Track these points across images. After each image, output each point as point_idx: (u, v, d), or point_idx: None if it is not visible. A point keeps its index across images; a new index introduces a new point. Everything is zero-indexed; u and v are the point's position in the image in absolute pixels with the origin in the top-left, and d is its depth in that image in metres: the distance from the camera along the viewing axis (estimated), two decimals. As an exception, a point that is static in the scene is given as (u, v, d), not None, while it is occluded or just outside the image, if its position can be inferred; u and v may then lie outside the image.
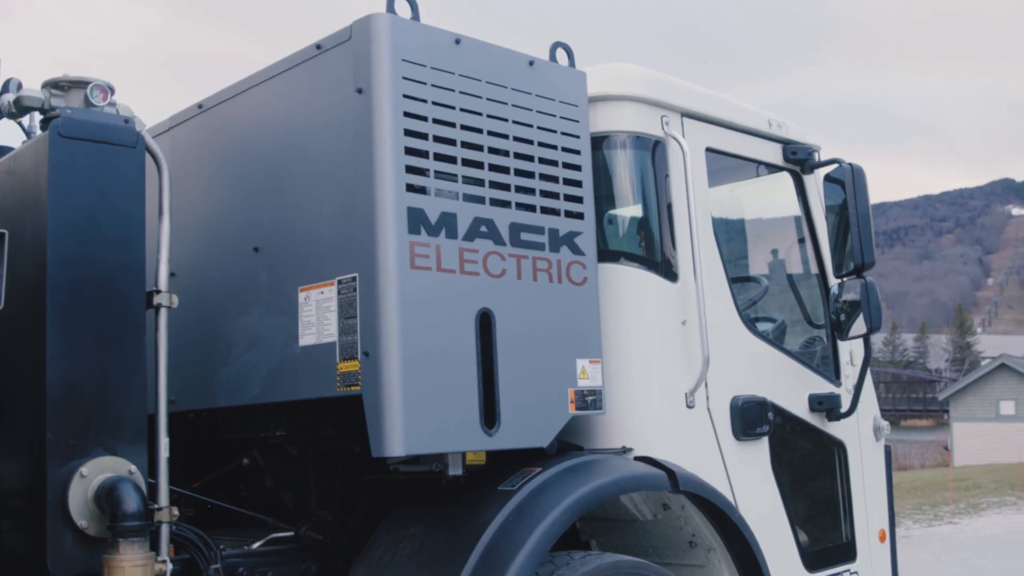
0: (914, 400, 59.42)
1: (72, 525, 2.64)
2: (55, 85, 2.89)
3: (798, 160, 4.44)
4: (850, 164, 4.12)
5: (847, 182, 4.07)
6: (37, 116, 3.02)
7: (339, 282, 3.05)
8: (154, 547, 2.74)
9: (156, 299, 2.94)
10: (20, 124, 3.33)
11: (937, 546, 12.98)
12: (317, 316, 3.11)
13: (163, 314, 2.96)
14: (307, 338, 3.15)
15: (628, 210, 3.91)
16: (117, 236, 2.83)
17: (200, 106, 3.73)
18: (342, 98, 3.09)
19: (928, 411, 58.87)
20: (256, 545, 3.39)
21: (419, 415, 2.93)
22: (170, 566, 2.73)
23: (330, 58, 3.17)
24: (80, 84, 2.88)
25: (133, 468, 2.76)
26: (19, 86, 3.09)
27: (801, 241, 4.64)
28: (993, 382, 45.22)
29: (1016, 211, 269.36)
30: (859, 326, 4.13)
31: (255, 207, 3.43)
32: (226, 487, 3.89)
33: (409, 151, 3.02)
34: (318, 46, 3.22)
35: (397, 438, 2.89)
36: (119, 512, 2.59)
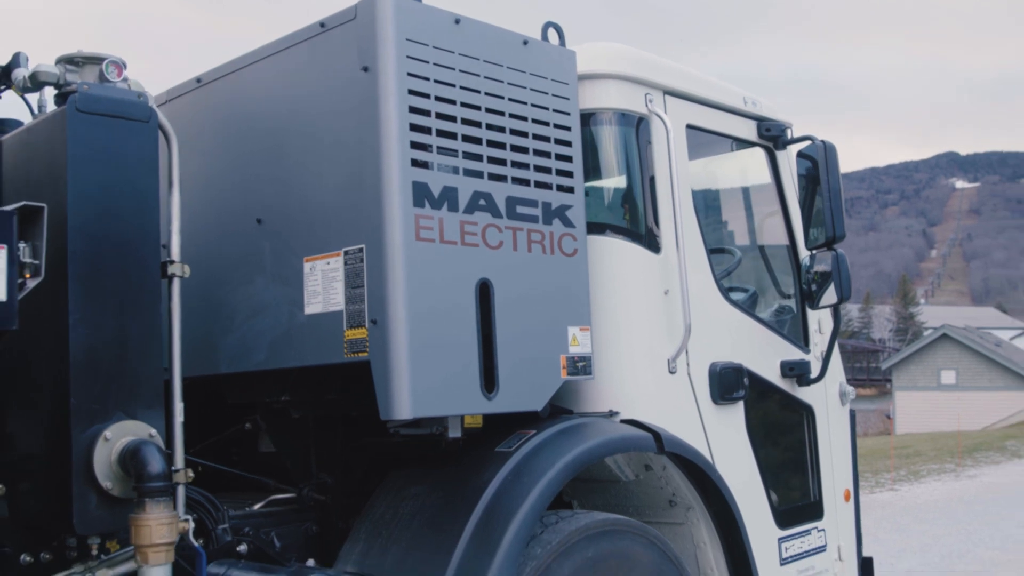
0: (858, 370, 60.70)
1: (97, 486, 2.75)
2: (70, 61, 2.96)
3: (771, 136, 4.62)
4: (823, 141, 4.31)
5: (819, 159, 4.26)
6: (48, 91, 3.09)
7: (345, 253, 3.17)
8: (171, 507, 2.87)
9: (170, 269, 3.04)
10: (25, 99, 3.39)
11: (878, 512, 13.41)
12: (323, 286, 3.23)
13: (176, 283, 3.07)
14: (313, 307, 3.27)
15: (613, 184, 4.07)
16: (133, 208, 2.92)
17: (199, 80, 3.81)
18: (347, 76, 3.19)
19: (871, 380, 60.27)
20: (259, 506, 3.52)
21: (425, 380, 3.08)
22: (191, 524, 2.85)
23: (334, 36, 3.27)
24: (95, 60, 2.96)
25: (153, 432, 2.87)
26: (26, 60, 3.16)
27: (772, 214, 4.83)
28: (935, 352, 46.41)
29: (960, 184, 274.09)
30: (830, 296, 4.35)
31: (256, 180, 3.52)
32: (224, 452, 4.00)
33: (413, 127, 3.14)
34: (322, 24, 3.32)
35: (405, 402, 3.03)
36: (145, 473, 2.70)
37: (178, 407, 3.00)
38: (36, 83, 2.97)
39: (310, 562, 3.44)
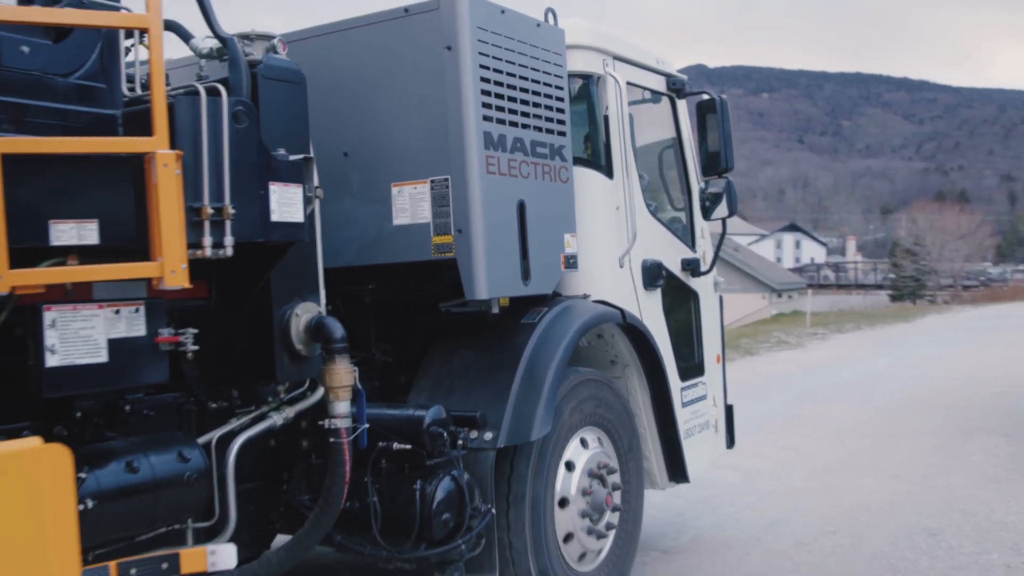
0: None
1: (292, 348, 3.89)
2: (246, 37, 3.97)
3: (675, 89, 6.11)
4: (719, 96, 5.83)
5: (718, 109, 5.78)
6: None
7: (432, 181, 4.40)
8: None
9: (316, 192, 4.15)
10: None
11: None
12: (411, 204, 4.45)
13: (316, 203, 4.18)
14: (401, 219, 4.48)
15: (582, 129, 5.43)
16: (296, 146, 3.99)
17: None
18: (431, 51, 4.37)
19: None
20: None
21: (493, 271, 4.39)
22: (357, 372, 4.03)
23: (418, 20, 4.43)
24: (265, 38, 3.99)
25: (321, 309, 4.03)
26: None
27: (668, 148, 6.33)
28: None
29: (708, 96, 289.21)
30: (721, 210, 5.95)
31: (342, 123, 4.64)
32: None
33: (483, 92, 4.38)
34: (406, 10, 4.46)
35: (483, 286, 4.35)
36: (333, 338, 3.87)
37: (322, 293, 4.16)
38: (221, 54, 3.96)
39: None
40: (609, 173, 5.38)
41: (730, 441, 6.62)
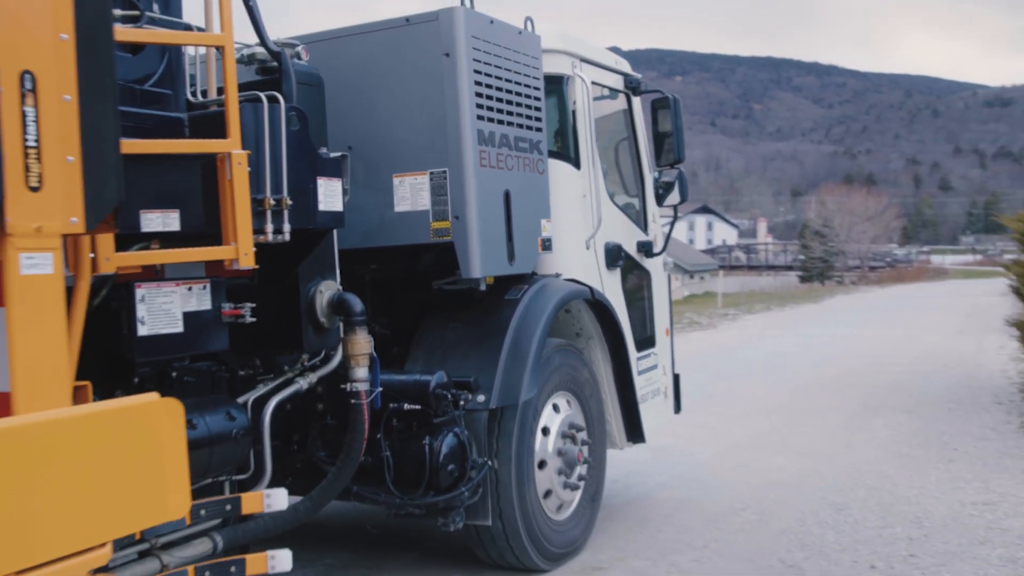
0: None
1: (316, 321, 4.41)
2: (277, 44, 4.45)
3: (631, 87, 6.74)
4: (672, 95, 6.48)
5: (671, 107, 6.44)
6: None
7: (431, 173, 4.95)
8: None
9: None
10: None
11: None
12: (411, 193, 5.00)
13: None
14: (402, 206, 5.02)
15: (553, 124, 6.02)
16: (318, 143, 4.51)
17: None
18: (431, 57, 4.91)
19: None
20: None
21: (485, 253, 4.97)
22: (372, 341, 4.57)
23: (419, 29, 4.96)
24: (289, 45, 4.48)
25: (339, 287, 4.55)
26: None
27: (623, 140, 6.97)
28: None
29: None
30: (673, 197, 6.62)
31: (347, 119, 5.14)
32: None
33: (476, 94, 4.94)
34: (407, 19, 4.99)
35: (477, 266, 4.92)
36: (353, 311, 4.40)
37: (338, 273, 4.68)
38: (252, 60, 4.45)
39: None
40: (577, 164, 5.99)
41: (677, 407, 7.30)
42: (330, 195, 4.14)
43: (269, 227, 3.79)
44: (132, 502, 2.89)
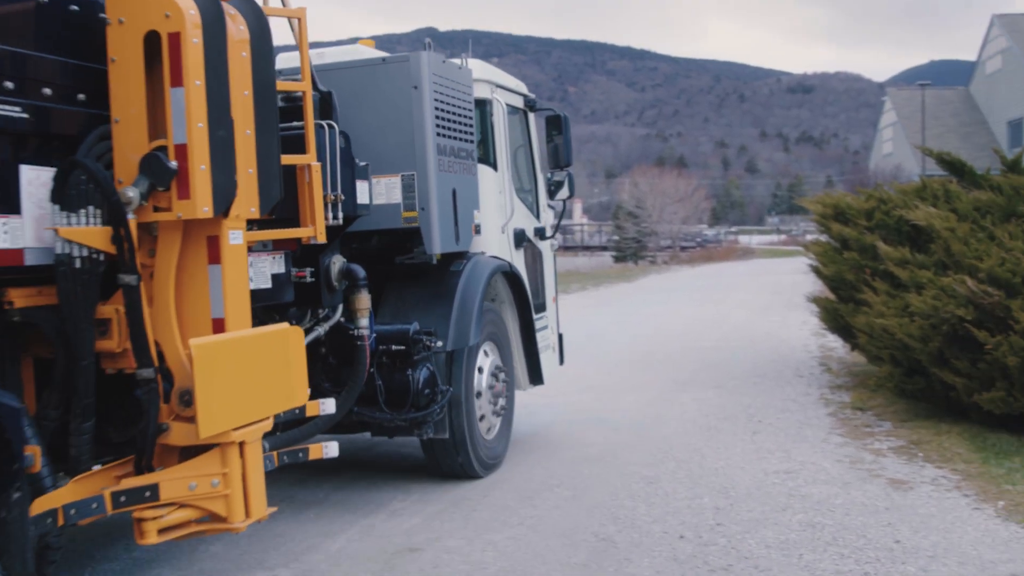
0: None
1: (331, 284, 5.90)
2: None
3: (529, 105, 8.56)
4: (563, 113, 8.35)
5: (563, 123, 8.31)
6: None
7: (402, 175, 6.60)
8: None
9: (335, 183, 6.25)
10: None
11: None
12: (387, 191, 6.64)
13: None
14: (379, 200, 6.65)
15: (479, 137, 7.75)
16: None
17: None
18: (403, 89, 6.56)
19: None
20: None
21: (442, 235, 6.68)
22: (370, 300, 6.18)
23: (393, 67, 6.59)
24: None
25: (343, 259, 6.14)
26: None
27: (520, 147, 8.77)
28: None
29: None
30: (563, 193, 8.52)
31: (333, 133, 6.71)
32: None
33: (436, 117, 6.63)
34: (383, 59, 6.62)
35: (437, 245, 6.64)
36: (358, 277, 5.98)
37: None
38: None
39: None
40: (495, 167, 7.77)
41: (560, 359, 9.20)
42: (363, 193, 5.77)
43: (329, 215, 5.40)
44: (281, 390, 4.53)
